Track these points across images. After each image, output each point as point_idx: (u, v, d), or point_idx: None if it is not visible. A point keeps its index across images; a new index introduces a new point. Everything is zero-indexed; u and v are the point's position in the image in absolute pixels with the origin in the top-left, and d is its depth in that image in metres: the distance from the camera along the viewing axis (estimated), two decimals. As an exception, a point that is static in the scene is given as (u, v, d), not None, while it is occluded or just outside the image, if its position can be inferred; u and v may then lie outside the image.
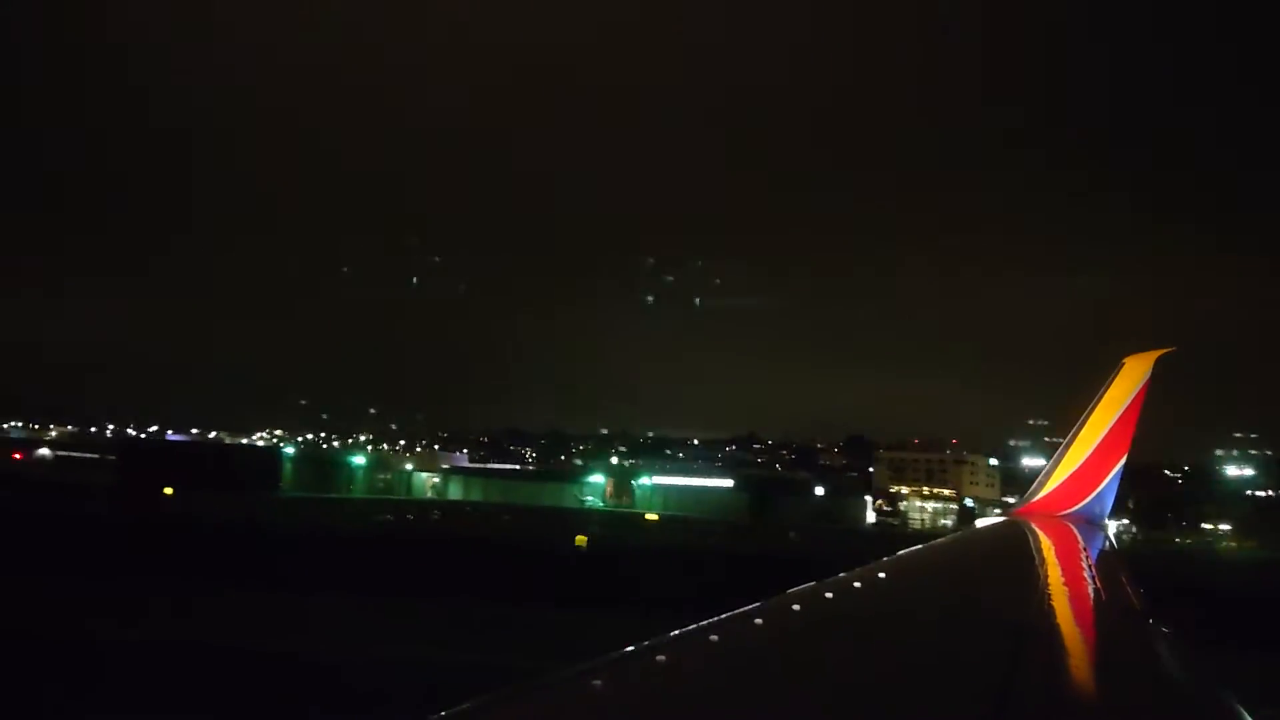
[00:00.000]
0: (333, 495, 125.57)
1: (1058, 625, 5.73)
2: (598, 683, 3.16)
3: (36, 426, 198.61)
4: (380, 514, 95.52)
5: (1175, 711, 3.88)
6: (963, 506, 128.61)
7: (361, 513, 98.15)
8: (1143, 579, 8.46)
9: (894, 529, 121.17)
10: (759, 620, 4.42)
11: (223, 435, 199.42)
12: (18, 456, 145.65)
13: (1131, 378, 16.91)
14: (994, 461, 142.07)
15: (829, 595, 5.49)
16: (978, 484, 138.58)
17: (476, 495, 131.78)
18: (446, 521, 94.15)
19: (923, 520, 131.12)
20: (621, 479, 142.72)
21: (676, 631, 3.97)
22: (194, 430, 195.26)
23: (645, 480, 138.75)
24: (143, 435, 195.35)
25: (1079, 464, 17.16)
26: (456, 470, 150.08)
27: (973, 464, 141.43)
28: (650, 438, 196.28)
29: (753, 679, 3.64)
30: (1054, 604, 6.45)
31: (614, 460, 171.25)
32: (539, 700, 3.01)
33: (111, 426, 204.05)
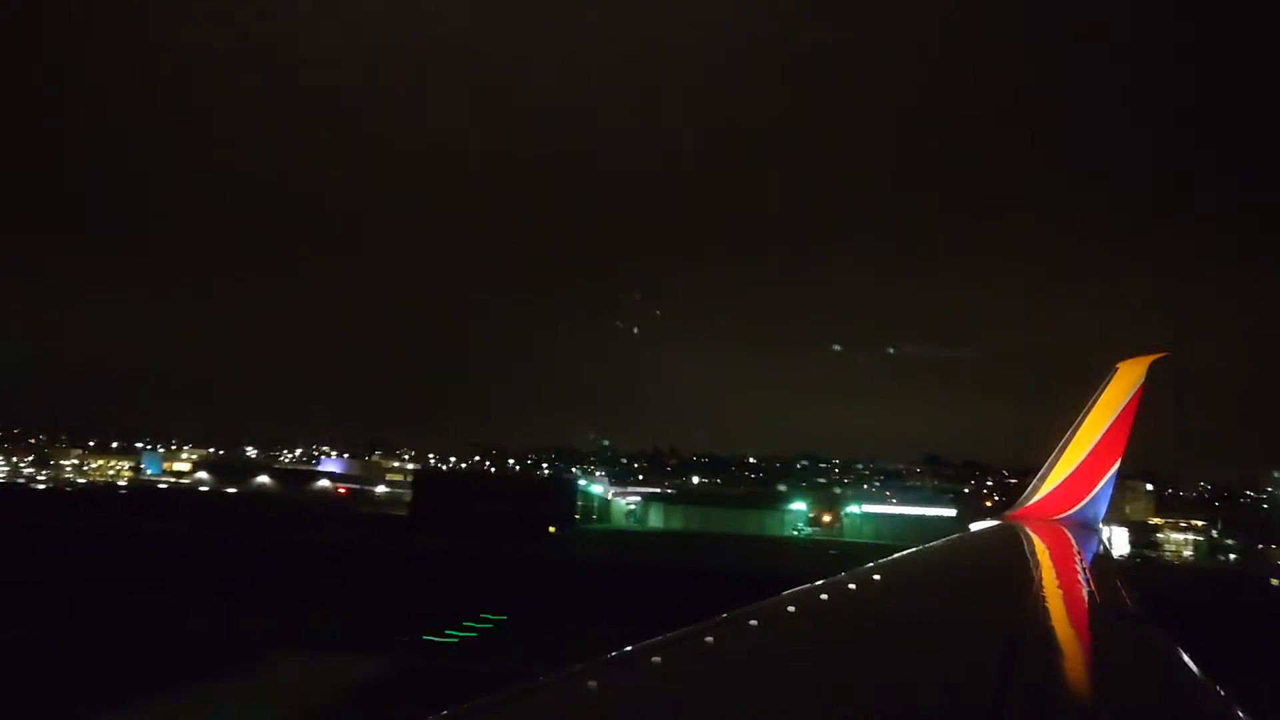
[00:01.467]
0: (625, 527, 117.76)
1: (1053, 627, 5.73)
2: (593, 684, 3.15)
3: (160, 447, 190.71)
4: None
5: (1171, 712, 3.88)
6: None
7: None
8: None
9: (1173, 566, 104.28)
10: (754, 622, 4.42)
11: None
12: (343, 492, 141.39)
13: (1125, 382, 16.92)
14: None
15: (824, 597, 5.49)
16: (1136, 508, 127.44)
17: (677, 523, 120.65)
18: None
19: (1181, 555, 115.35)
20: (830, 506, 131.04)
21: (674, 633, 3.96)
22: (330, 451, 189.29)
23: (854, 508, 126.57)
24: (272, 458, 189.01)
25: (1073, 468, 17.16)
26: (652, 497, 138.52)
27: (1132, 488, 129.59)
28: (704, 456, 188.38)
29: (749, 680, 3.63)
30: (1049, 606, 6.46)
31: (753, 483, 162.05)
32: (536, 701, 3.00)
33: (251, 450, 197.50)
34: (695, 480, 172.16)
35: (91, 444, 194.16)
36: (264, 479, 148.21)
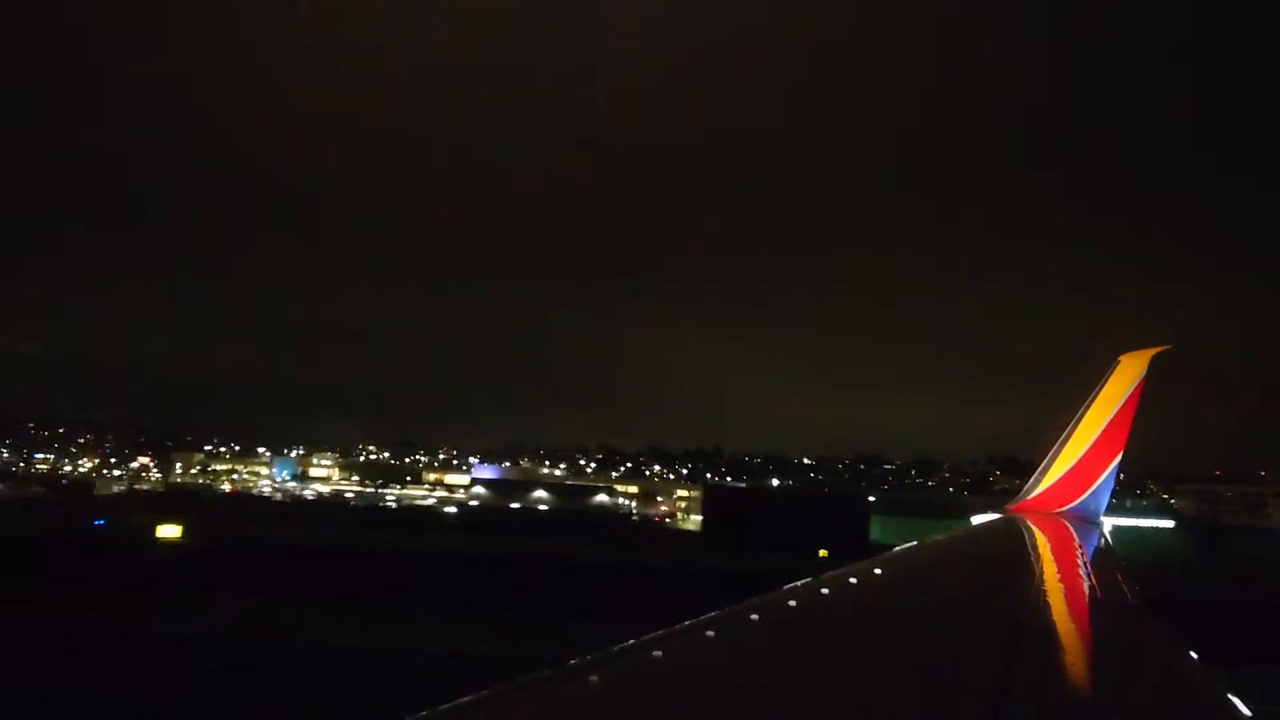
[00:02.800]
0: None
1: (1053, 622, 5.73)
2: (594, 678, 3.14)
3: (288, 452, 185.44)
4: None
5: (1173, 708, 3.87)
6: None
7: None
8: None
9: None
10: (755, 616, 4.41)
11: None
12: (665, 509, 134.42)
13: (1127, 375, 16.91)
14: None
15: (824, 592, 5.48)
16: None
17: (893, 535, 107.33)
18: None
19: None
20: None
21: (673, 627, 3.96)
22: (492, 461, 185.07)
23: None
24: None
25: (1074, 461, 17.16)
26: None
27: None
28: (756, 456, 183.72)
29: (748, 676, 3.63)
30: (1050, 601, 6.45)
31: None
32: (533, 696, 2.99)
33: (383, 454, 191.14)
34: (776, 483, 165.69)
35: (208, 449, 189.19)
36: (541, 493, 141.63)
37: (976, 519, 18.59)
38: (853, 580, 6.12)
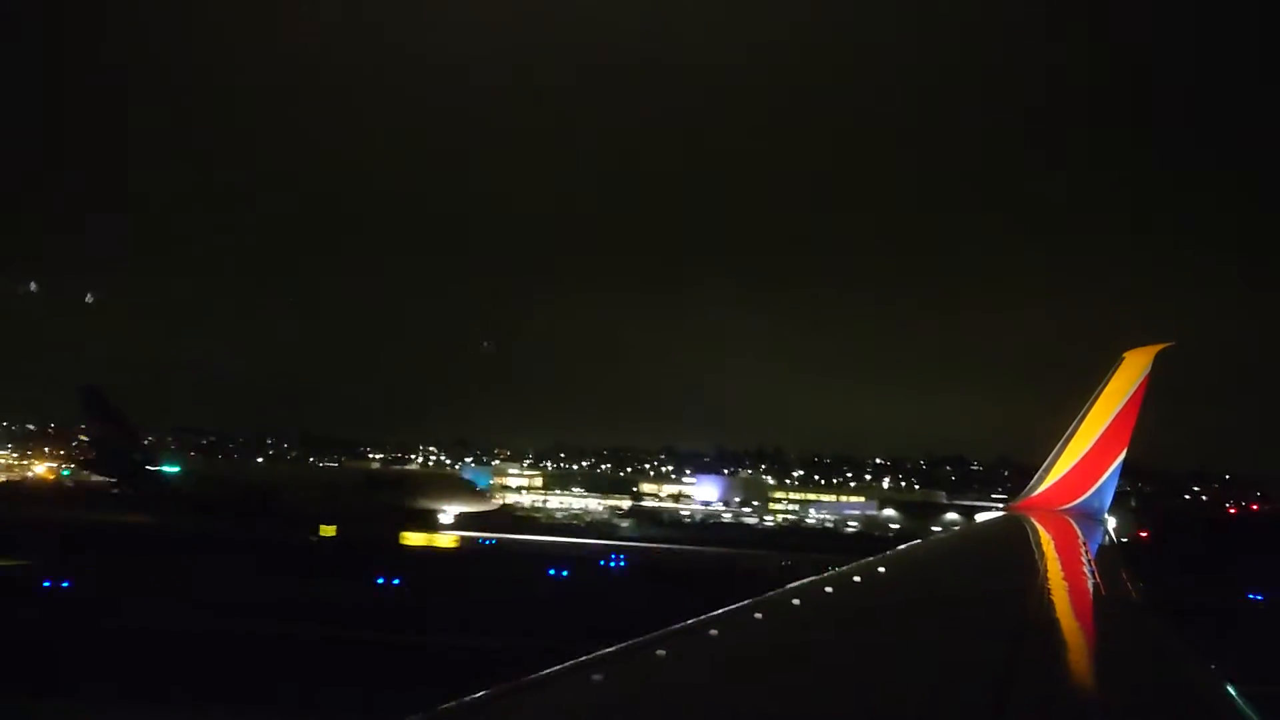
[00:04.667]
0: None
1: (1057, 618, 5.74)
2: (598, 677, 3.15)
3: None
4: None
5: (1174, 703, 3.87)
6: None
7: None
8: None
9: None
10: (759, 614, 4.42)
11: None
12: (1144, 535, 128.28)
13: (1131, 372, 16.85)
14: None
15: (830, 589, 5.49)
16: None
17: None
18: None
19: None
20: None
21: (678, 625, 3.97)
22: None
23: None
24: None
25: (1079, 458, 17.10)
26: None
27: None
28: (826, 457, 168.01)
29: (754, 673, 3.64)
30: (1054, 597, 6.46)
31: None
32: (534, 696, 3.00)
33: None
34: (886, 484, 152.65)
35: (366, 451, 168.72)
36: (953, 515, 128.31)
37: (980, 516, 18.55)
38: (857, 579, 6.13)
